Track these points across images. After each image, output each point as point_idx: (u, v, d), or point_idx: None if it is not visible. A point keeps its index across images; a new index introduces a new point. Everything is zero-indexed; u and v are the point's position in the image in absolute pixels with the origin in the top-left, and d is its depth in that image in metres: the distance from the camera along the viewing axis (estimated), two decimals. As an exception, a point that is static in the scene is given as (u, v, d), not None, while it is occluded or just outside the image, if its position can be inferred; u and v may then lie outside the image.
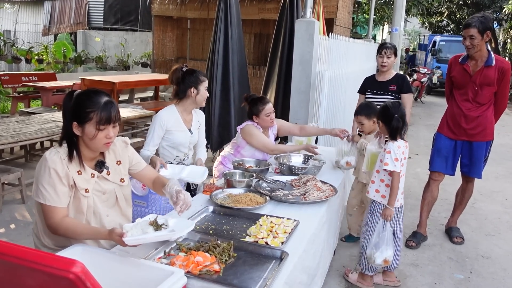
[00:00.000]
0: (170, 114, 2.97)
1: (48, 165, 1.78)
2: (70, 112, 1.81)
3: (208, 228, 2.10)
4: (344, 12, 9.88)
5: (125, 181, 2.04)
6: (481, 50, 3.49)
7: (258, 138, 3.33)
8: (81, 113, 1.79)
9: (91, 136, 1.81)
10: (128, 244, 1.62)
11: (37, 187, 1.80)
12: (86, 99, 1.81)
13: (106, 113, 1.80)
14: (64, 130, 1.87)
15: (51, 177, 1.78)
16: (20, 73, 9.44)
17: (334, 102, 5.47)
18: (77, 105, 1.80)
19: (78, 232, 1.79)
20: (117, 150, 2.04)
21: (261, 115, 3.33)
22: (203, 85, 2.96)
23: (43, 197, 1.78)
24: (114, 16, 15.88)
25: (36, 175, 1.82)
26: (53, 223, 1.79)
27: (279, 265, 1.73)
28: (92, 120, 1.79)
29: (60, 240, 1.89)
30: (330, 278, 3.20)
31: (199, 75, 2.94)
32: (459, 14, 21.33)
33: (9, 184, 4.52)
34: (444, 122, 3.83)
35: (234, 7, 5.14)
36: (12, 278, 1.21)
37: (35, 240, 2.02)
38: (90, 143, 1.84)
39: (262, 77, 8.05)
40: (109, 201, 1.99)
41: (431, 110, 12.43)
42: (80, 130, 1.81)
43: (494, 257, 3.71)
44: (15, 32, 17.11)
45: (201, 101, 2.99)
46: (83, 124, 1.80)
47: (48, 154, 1.82)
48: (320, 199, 2.49)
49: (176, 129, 2.95)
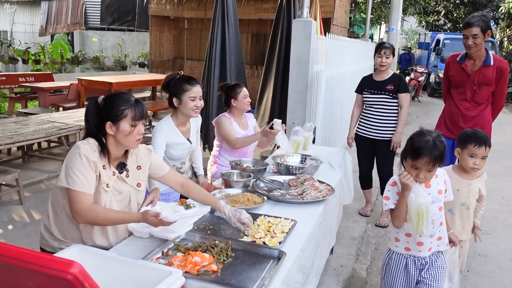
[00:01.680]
0: (168, 129, 2.82)
1: (80, 152, 1.83)
2: (104, 113, 1.90)
3: (206, 228, 2.11)
4: (341, 12, 9.89)
5: (141, 186, 2.09)
6: (480, 50, 3.50)
7: (225, 131, 3.33)
8: (116, 112, 1.89)
9: (126, 133, 1.91)
10: (168, 221, 1.76)
11: (67, 173, 1.83)
12: (119, 98, 1.92)
13: (139, 109, 1.93)
14: (87, 134, 1.94)
15: (82, 164, 1.83)
16: (17, 74, 9.41)
17: (331, 102, 5.48)
18: (111, 105, 1.90)
19: (109, 217, 1.86)
20: (140, 155, 2.10)
21: (239, 97, 3.35)
22: (187, 94, 2.72)
23: (72, 183, 1.81)
24: (111, 16, 15.84)
25: (67, 162, 1.85)
26: (82, 209, 1.82)
27: (277, 265, 1.73)
28: (127, 117, 1.90)
29: (70, 233, 1.94)
30: (327, 277, 3.21)
31: (183, 83, 2.72)
32: (456, 13, 21.36)
33: (6, 185, 4.50)
34: (441, 121, 3.84)
35: (231, 7, 5.14)
36: (10, 279, 1.21)
37: (42, 232, 2.04)
38: (124, 140, 1.92)
39: (259, 76, 8.04)
40: (123, 202, 2.03)
41: (428, 109, 12.46)
42: (115, 129, 1.90)
43: (491, 256, 3.73)
44: (12, 32, 17.04)
45: (188, 111, 2.76)
46: (117, 122, 1.89)
47: (80, 143, 1.88)
48: (318, 199, 2.49)
49: (176, 143, 2.84)
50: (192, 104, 2.74)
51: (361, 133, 4.25)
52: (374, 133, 4.12)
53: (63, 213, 1.95)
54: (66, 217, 1.94)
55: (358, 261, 3.54)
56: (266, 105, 5.91)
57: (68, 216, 1.93)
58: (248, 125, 3.54)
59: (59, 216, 1.97)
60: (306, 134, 3.62)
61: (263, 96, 5.95)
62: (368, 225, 4.26)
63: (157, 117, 9.10)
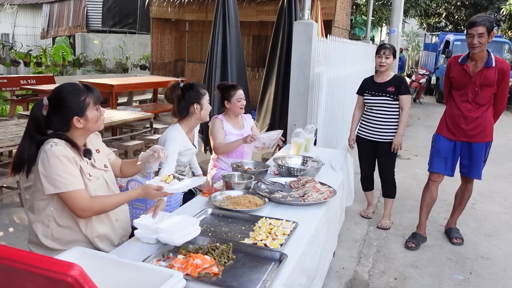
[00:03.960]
0: (180, 136, 2.85)
1: (55, 155, 1.80)
2: (65, 111, 1.87)
3: (207, 230, 2.10)
4: (342, 14, 9.90)
5: (108, 167, 2.14)
6: (483, 51, 3.50)
7: (212, 134, 3.40)
8: (78, 104, 1.89)
9: (96, 119, 1.95)
10: (171, 193, 1.97)
11: (51, 180, 1.80)
12: (71, 92, 1.90)
13: (94, 92, 1.96)
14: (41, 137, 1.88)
15: (64, 164, 1.81)
16: (18, 76, 9.42)
17: (332, 104, 5.48)
18: (70, 101, 1.88)
19: (112, 201, 1.93)
20: (92, 140, 2.12)
21: (232, 100, 3.39)
22: (205, 98, 2.84)
23: (63, 186, 1.80)
24: (113, 18, 15.89)
25: (46, 170, 1.80)
26: (85, 205, 1.84)
27: (278, 267, 1.73)
28: (90, 105, 1.92)
29: (66, 236, 1.92)
30: (329, 280, 3.20)
31: (199, 88, 2.83)
32: (457, 15, 21.38)
33: (7, 187, 4.51)
34: (443, 123, 3.83)
35: (232, 9, 5.15)
36: (10, 281, 1.20)
37: (33, 247, 1.97)
38: (94, 126, 1.96)
39: (260, 79, 8.05)
40: (103, 187, 2.05)
41: (430, 111, 12.45)
42: (83, 121, 1.91)
43: (494, 258, 3.71)
44: (14, 35, 17.10)
45: (205, 116, 2.87)
46: (83, 113, 1.90)
47: (48, 148, 1.81)
48: (319, 201, 2.48)
49: (186, 149, 2.89)
50: (209, 107, 2.90)
51: (362, 135, 4.24)
52: (375, 135, 4.12)
53: (52, 222, 1.91)
54: (56, 225, 1.91)
55: (360, 264, 3.53)
56: (267, 107, 5.91)
57: (58, 224, 1.91)
58: (245, 125, 3.57)
59: (49, 227, 1.92)
60: (307, 136, 3.61)
61: (264, 98, 5.95)
62: (370, 227, 4.25)
63: (158, 119, 9.11)
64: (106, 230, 2.03)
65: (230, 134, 3.46)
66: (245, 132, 3.51)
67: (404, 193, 5.22)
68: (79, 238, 1.94)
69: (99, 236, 1.99)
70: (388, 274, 3.40)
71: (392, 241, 3.97)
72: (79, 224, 1.93)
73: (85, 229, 1.94)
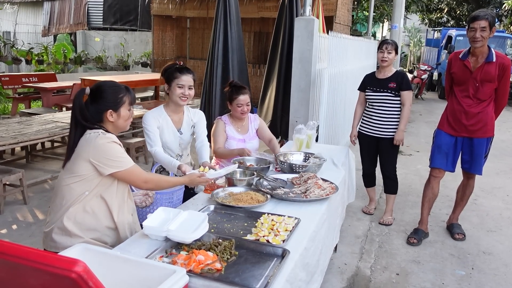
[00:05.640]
0: (157, 113, 2.92)
1: (111, 140, 1.95)
2: (102, 102, 2.00)
3: (210, 227, 2.10)
4: (344, 10, 9.88)
5: None
6: (484, 46, 3.49)
7: (213, 136, 3.36)
8: (116, 99, 2.02)
9: (126, 118, 2.08)
10: (212, 178, 2.38)
11: (109, 161, 1.93)
12: (114, 87, 2.04)
13: (132, 94, 2.10)
14: (81, 127, 1.99)
15: (120, 147, 1.99)
16: (20, 74, 9.44)
17: (334, 100, 5.47)
18: (109, 94, 2.01)
19: (168, 180, 2.23)
20: None
21: (233, 104, 3.35)
22: (175, 81, 2.82)
23: (124, 164, 1.97)
24: (114, 16, 15.87)
25: (96, 157, 1.92)
26: (146, 177, 2.06)
27: (281, 263, 1.73)
28: (125, 103, 2.05)
29: (88, 223, 1.97)
30: (331, 275, 3.21)
31: (174, 71, 2.82)
32: (459, 11, 21.31)
33: (10, 185, 4.52)
34: (444, 118, 3.83)
35: (234, 6, 5.14)
36: (14, 278, 1.21)
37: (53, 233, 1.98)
38: (123, 124, 2.08)
39: (262, 75, 8.05)
40: None
41: (432, 107, 12.43)
42: (115, 116, 2.03)
43: (496, 253, 3.72)
44: (15, 33, 17.10)
45: (174, 99, 2.86)
46: (118, 109, 2.03)
47: (101, 136, 1.94)
48: (321, 197, 2.49)
49: (165, 126, 2.91)
50: (179, 91, 2.84)
51: (364, 131, 4.24)
52: (377, 131, 4.11)
53: (80, 206, 1.97)
54: (82, 209, 1.97)
55: (362, 259, 3.54)
56: (269, 103, 5.91)
57: (85, 208, 1.97)
58: (249, 129, 3.47)
59: (75, 209, 1.96)
60: (309, 132, 3.61)
61: (265, 95, 5.95)
62: (372, 223, 4.26)
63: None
64: (131, 220, 2.14)
65: (232, 139, 3.37)
66: (248, 138, 3.43)
67: (406, 189, 5.23)
68: (97, 227, 2.00)
69: (129, 223, 2.11)
70: (390, 269, 3.40)
71: (394, 237, 3.98)
72: (112, 211, 2.01)
73: (117, 216, 2.04)
